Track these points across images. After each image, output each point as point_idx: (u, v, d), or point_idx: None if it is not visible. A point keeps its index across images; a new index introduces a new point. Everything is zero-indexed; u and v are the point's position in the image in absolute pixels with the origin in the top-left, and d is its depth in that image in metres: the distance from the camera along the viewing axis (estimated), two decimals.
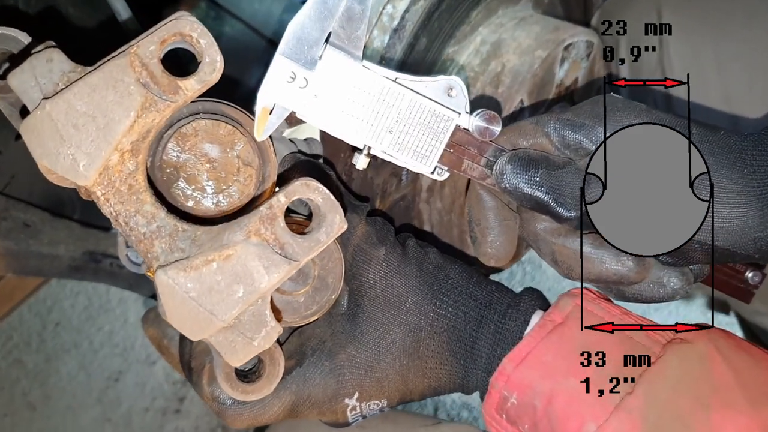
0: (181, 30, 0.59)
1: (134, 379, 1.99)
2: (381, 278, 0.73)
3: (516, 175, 0.67)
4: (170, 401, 1.97)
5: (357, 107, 0.66)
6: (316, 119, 0.66)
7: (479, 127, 0.68)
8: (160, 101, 0.59)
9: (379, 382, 0.73)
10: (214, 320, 0.59)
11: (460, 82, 0.68)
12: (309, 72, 0.63)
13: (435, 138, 0.68)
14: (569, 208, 0.66)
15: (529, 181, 0.66)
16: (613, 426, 0.62)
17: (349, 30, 0.64)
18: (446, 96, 0.68)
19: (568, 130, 0.68)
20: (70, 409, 1.96)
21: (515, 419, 0.68)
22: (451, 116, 0.68)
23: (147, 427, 1.95)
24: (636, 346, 0.67)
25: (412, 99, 0.67)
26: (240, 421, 0.72)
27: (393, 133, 0.67)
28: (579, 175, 0.66)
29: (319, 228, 0.62)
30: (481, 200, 0.72)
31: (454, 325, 0.73)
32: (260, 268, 0.59)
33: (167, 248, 0.59)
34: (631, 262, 0.68)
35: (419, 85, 0.67)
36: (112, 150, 0.58)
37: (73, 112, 0.57)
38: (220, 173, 0.67)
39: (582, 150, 0.67)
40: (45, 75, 0.58)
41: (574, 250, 0.70)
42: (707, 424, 0.61)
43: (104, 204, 0.59)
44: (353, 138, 0.67)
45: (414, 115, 0.67)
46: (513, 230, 0.73)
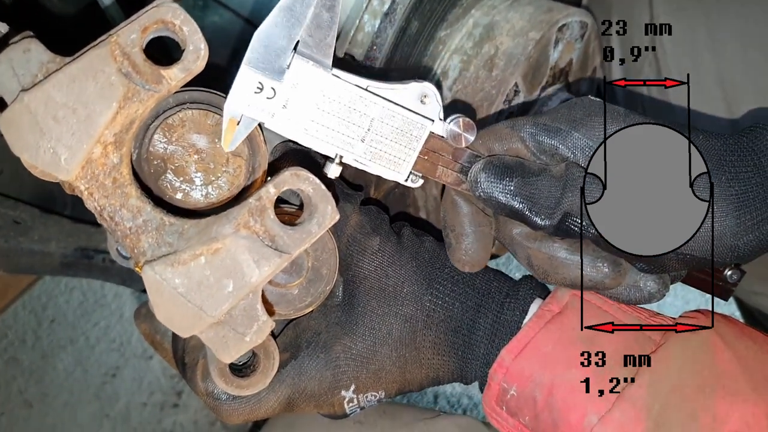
0: (163, 17, 0.58)
1: (131, 374, 2.00)
2: (376, 268, 0.73)
3: (490, 183, 0.66)
4: (168, 395, 1.99)
5: (327, 117, 0.65)
6: (286, 130, 0.64)
7: (453, 133, 0.68)
8: (143, 91, 0.58)
9: (375, 373, 0.73)
10: (204, 316, 0.59)
11: (433, 89, 0.67)
12: (276, 82, 0.62)
13: (408, 146, 0.67)
14: (544, 217, 0.65)
15: (504, 190, 0.66)
16: (616, 417, 0.63)
17: (317, 38, 0.63)
18: (419, 103, 0.67)
19: (544, 136, 0.67)
20: (67, 405, 1.97)
21: (516, 411, 0.69)
22: (424, 123, 0.67)
23: (145, 422, 1.96)
24: (636, 335, 0.68)
25: (384, 107, 0.65)
26: (235, 417, 0.73)
27: (365, 142, 0.66)
28: (554, 183, 0.65)
29: (311, 219, 0.62)
30: (456, 206, 0.72)
31: (451, 315, 0.73)
32: (250, 261, 0.59)
33: (154, 243, 0.59)
34: (606, 269, 0.68)
35: (391, 92, 0.66)
36: (94, 143, 0.57)
37: (52, 104, 0.56)
38: (208, 164, 0.66)
39: (557, 156, 0.66)
40: (23, 66, 0.57)
41: (549, 255, 0.69)
42: (712, 413, 0.62)
43: (88, 198, 0.59)
44: (324, 148, 0.66)
45: (386, 124, 0.66)
46: (488, 236, 0.73)
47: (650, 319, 0.70)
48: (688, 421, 0.62)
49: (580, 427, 0.64)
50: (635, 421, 0.62)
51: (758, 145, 0.64)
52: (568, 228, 0.65)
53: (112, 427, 1.95)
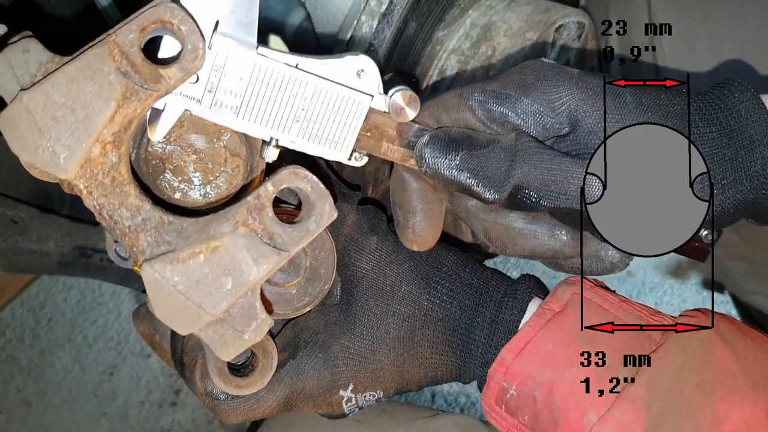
0: (161, 17, 0.58)
1: (129, 373, 2.00)
2: (373, 267, 0.73)
3: (435, 158, 0.63)
4: (166, 394, 1.98)
5: (257, 98, 0.62)
6: (214, 116, 0.62)
7: (396, 107, 0.64)
8: (142, 90, 0.58)
9: (373, 372, 0.73)
10: (203, 314, 0.59)
11: (369, 62, 0.63)
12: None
13: (347, 123, 0.64)
14: (493, 191, 0.62)
15: (449, 165, 0.63)
16: (616, 416, 0.63)
17: (239, 15, 0.60)
18: (356, 77, 0.63)
19: (493, 103, 0.64)
20: (65, 404, 1.97)
21: (515, 410, 0.68)
22: (362, 99, 0.64)
23: (143, 420, 1.96)
24: (637, 334, 0.67)
25: (318, 85, 0.62)
26: (234, 416, 0.73)
27: (300, 122, 0.63)
28: (503, 154, 0.62)
29: (309, 217, 0.62)
30: (404, 182, 0.68)
31: (449, 314, 0.72)
32: (249, 259, 0.59)
33: (153, 241, 0.59)
34: (564, 237, 0.66)
35: (324, 68, 0.62)
36: (93, 142, 0.57)
37: (51, 104, 0.56)
38: (206, 164, 0.66)
39: (508, 124, 0.64)
40: (22, 66, 0.57)
41: (506, 226, 0.67)
42: (711, 412, 0.62)
43: (87, 197, 0.59)
44: (257, 131, 0.63)
45: (321, 102, 0.63)
46: (437, 214, 0.69)
47: (650, 318, 0.69)
48: (688, 421, 0.62)
49: (580, 426, 0.64)
50: (634, 420, 0.62)
51: (725, 103, 0.62)
52: (520, 201, 0.63)
53: (110, 425, 1.94)
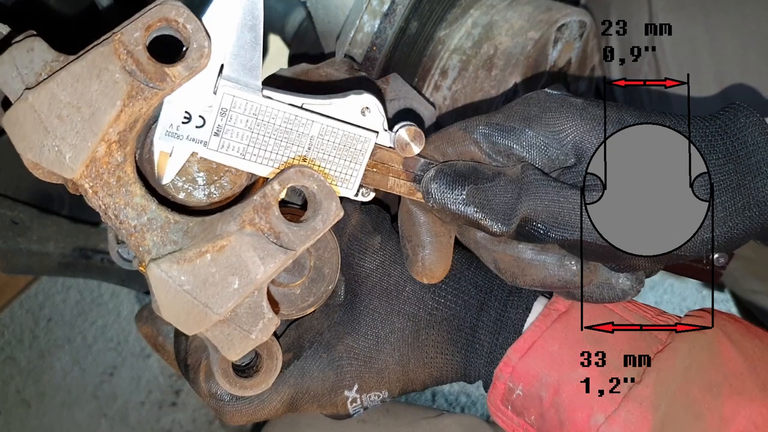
0: (166, 15, 0.57)
1: (129, 373, 2.00)
2: (377, 267, 0.73)
3: (442, 193, 0.63)
4: (166, 394, 1.99)
5: (264, 139, 0.62)
6: (221, 157, 0.62)
7: (401, 143, 0.65)
8: (147, 89, 0.58)
9: (378, 373, 0.73)
10: (210, 313, 0.59)
11: (373, 101, 0.65)
12: (204, 110, 0.60)
13: (354, 160, 0.65)
14: (500, 224, 0.62)
15: (456, 199, 0.63)
16: (623, 417, 0.63)
17: (243, 59, 0.60)
18: (360, 115, 0.65)
19: (497, 136, 0.64)
20: (65, 405, 1.97)
21: (521, 410, 0.69)
22: (367, 136, 0.65)
23: (143, 420, 1.96)
24: (643, 334, 0.68)
25: (323, 124, 0.63)
26: (239, 418, 0.73)
27: (307, 161, 0.64)
28: (510, 186, 0.63)
29: (315, 216, 0.62)
30: (412, 216, 0.69)
31: (453, 314, 0.73)
32: (255, 258, 0.59)
33: (159, 241, 0.59)
34: (574, 267, 0.66)
35: (329, 107, 0.64)
36: (98, 141, 0.57)
37: (56, 103, 0.56)
38: (211, 164, 0.65)
39: (513, 156, 0.64)
40: (26, 65, 0.57)
41: (515, 257, 0.67)
42: (719, 412, 0.62)
43: (93, 197, 0.58)
44: (264, 172, 0.64)
45: (327, 141, 0.64)
46: (447, 246, 0.70)
47: (656, 318, 0.70)
48: (695, 421, 0.62)
49: (587, 426, 0.64)
50: (641, 420, 0.63)
51: (731, 128, 0.62)
52: (528, 233, 0.63)
53: (110, 426, 1.95)
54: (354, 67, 0.92)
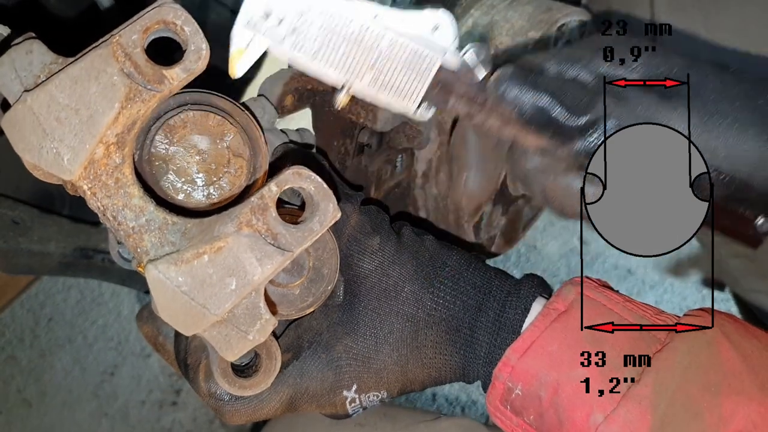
0: (164, 18, 0.59)
1: (130, 373, 2.02)
2: (376, 268, 0.73)
3: (517, 79, 0.64)
4: (167, 394, 2.00)
5: (335, 45, 0.64)
6: (293, 56, 0.64)
7: (467, 65, 0.66)
8: (145, 91, 0.59)
9: (377, 373, 0.73)
10: (207, 314, 0.60)
11: (448, 18, 0.66)
12: (283, 8, 0.62)
13: (418, 76, 0.66)
14: (573, 116, 0.63)
15: (533, 85, 0.63)
16: (622, 416, 0.63)
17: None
18: (431, 32, 0.66)
19: (566, 64, 0.66)
20: (66, 404, 1.99)
21: (520, 410, 0.69)
22: (433, 57, 0.66)
23: (144, 420, 1.97)
24: (642, 333, 0.68)
25: (393, 39, 0.65)
26: (238, 417, 0.73)
27: (374, 71, 0.66)
28: (582, 88, 0.63)
29: (312, 217, 0.62)
30: (465, 139, 0.70)
31: (452, 314, 0.73)
32: (253, 259, 0.60)
33: (157, 242, 0.60)
34: None
35: (401, 23, 0.65)
36: (96, 143, 0.58)
37: (55, 105, 0.57)
38: (210, 165, 0.67)
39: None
40: (25, 67, 0.58)
41: (565, 186, 0.68)
42: (718, 412, 0.62)
43: (91, 198, 0.60)
44: (332, 76, 0.65)
45: (396, 55, 0.65)
46: (492, 171, 0.71)
47: (655, 318, 0.70)
48: (694, 420, 0.63)
49: (586, 425, 0.64)
50: (640, 419, 0.63)
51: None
52: (588, 144, 0.63)
53: (110, 425, 1.96)
54: None
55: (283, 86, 0.90)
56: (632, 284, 2.03)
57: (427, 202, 1.10)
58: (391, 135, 0.98)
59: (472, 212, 1.14)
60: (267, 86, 0.90)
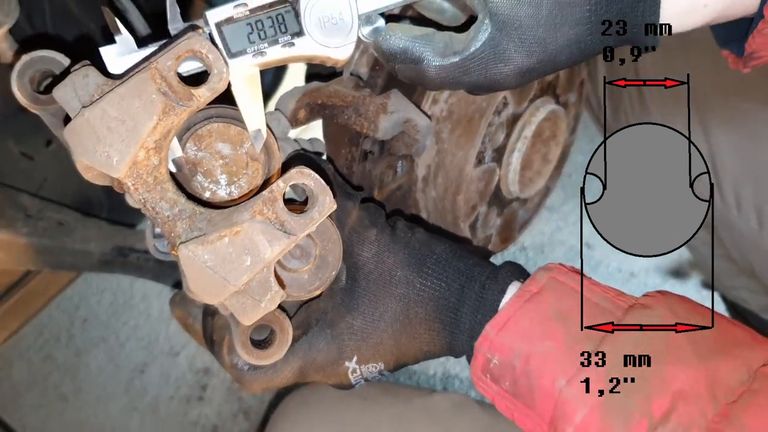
0: (192, 47, 0.64)
1: (159, 370, 2.00)
2: (373, 256, 0.78)
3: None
4: (193, 389, 1.99)
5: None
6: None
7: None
8: (178, 106, 0.64)
9: (374, 346, 0.77)
10: (228, 285, 0.64)
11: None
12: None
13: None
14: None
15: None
16: (580, 379, 0.67)
17: None
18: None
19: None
20: (100, 399, 1.98)
21: (498, 378, 0.73)
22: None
23: (172, 414, 1.96)
24: (603, 311, 0.71)
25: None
26: (256, 385, 0.77)
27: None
28: None
29: (312, 207, 0.67)
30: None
31: (439, 295, 0.76)
32: (264, 241, 0.64)
33: (188, 228, 0.64)
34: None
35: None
36: (138, 147, 0.63)
37: (106, 117, 0.62)
38: (231, 168, 0.72)
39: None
40: (83, 88, 0.63)
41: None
42: (661, 375, 0.66)
43: (134, 193, 0.64)
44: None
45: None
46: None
47: (616, 299, 0.73)
48: (642, 383, 0.66)
49: (552, 389, 0.68)
50: (596, 382, 0.66)
51: None
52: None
53: (141, 419, 1.95)
54: (359, 84, 0.98)
55: (296, 102, 0.95)
56: (635, 287, 2.00)
57: (428, 204, 1.16)
58: (392, 143, 1.02)
59: (467, 212, 1.22)
60: (282, 101, 0.96)
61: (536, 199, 1.40)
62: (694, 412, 0.63)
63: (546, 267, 0.76)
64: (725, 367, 0.65)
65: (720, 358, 0.66)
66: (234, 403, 1.95)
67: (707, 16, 0.67)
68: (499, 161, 1.21)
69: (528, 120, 1.20)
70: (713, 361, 0.66)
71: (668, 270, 2.03)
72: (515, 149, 1.21)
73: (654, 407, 0.64)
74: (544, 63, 0.68)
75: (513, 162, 1.21)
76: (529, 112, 1.19)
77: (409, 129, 0.97)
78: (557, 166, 1.35)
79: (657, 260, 2.03)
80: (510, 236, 1.35)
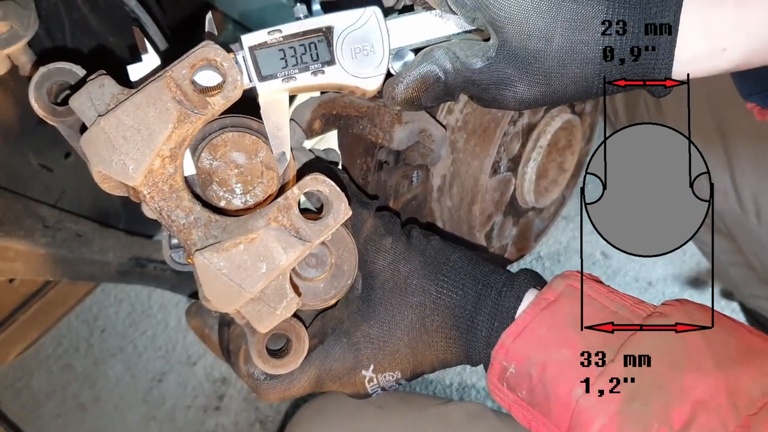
0: (206, 56, 0.65)
1: (176, 380, 2.02)
2: (389, 264, 0.78)
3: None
4: (210, 399, 2.00)
5: None
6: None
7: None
8: (193, 115, 0.65)
9: (391, 354, 0.77)
10: (243, 293, 0.65)
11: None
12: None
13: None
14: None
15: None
16: (598, 389, 0.67)
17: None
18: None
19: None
20: (118, 408, 1.99)
21: (514, 386, 0.73)
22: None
23: (189, 423, 1.97)
24: (620, 320, 0.71)
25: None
26: (273, 394, 0.78)
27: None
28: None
29: (328, 214, 0.68)
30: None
31: (455, 303, 0.76)
32: (279, 248, 0.65)
33: (203, 236, 0.65)
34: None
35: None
36: (154, 156, 0.64)
37: (122, 126, 0.63)
38: (246, 177, 0.72)
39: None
40: (98, 97, 0.64)
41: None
42: (680, 384, 0.65)
43: (150, 201, 0.65)
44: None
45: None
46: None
47: (634, 307, 0.72)
48: (660, 392, 0.65)
49: (569, 399, 0.67)
50: (613, 390, 0.66)
51: None
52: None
53: (158, 428, 1.96)
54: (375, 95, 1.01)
55: (312, 112, 0.94)
56: (653, 296, 1.99)
57: (443, 213, 1.15)
58: (407, 153, 1.01)
59: (483, 222, 1.22)
60: (298, 112, 0.94)
61: (552, 209, 1.39)
62: (715, 423, 0.63)
63: (563, 275, 0.76)
64: (746, 377, 0.65)
65: (741, 368, 0.66)
66: (251, 412, 1.97)
67: (728, 62, 0.68)
68: (514, 171, 1.20)
69: (543, 129, 1.19)
70: (733, 370, 0.65)
71: (687, 279, 2.02)
72: (531, 159, 1.20)
73: (673, 417, 0.64)
74: (546, 96, 0.70)
75: (528, 171, 1.21)
76: (544, 122, 1.19)
77: (424, 139, 0.98)
78: (573, 175, 1.34)
79: (675, 269, 2.02)
80: (526, 246, 1.34)
